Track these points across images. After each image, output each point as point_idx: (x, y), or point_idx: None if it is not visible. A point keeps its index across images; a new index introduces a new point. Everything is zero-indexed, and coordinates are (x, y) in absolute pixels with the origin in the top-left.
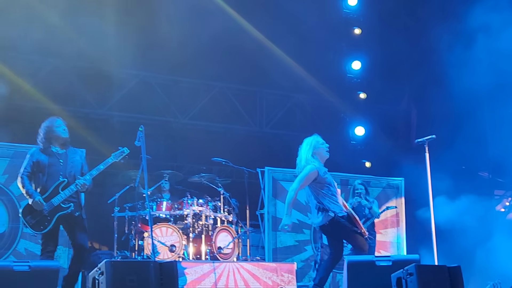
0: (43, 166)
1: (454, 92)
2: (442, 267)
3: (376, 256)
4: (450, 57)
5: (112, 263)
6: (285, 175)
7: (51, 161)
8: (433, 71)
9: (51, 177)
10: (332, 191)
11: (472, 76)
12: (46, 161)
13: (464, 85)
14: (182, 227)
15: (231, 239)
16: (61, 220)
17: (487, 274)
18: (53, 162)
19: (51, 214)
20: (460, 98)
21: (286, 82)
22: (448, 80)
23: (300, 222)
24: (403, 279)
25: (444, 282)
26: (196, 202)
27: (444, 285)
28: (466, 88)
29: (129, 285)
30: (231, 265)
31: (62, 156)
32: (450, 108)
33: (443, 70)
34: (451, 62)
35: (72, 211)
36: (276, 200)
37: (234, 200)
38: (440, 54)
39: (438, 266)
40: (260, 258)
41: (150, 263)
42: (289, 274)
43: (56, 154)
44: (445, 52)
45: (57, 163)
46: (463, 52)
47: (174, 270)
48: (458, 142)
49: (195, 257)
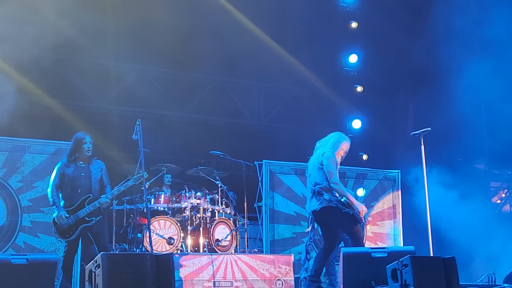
0: (67, 179)
1: (450, 85)
2: (437, 258)
3: (371, 247)
4: (447, 50)
5: (109, 255)
6: (283, 168)
7: (75, 175)
8: (430, 64)
9: (75, 189)
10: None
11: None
12: (71, 174)
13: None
14: (180, 220)
15: (229, 231)
16: (84, 230)
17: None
18: (77, 175)
19: (76, 225)
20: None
21: (284, 76)
22: (444, 72)
23: (297, 214)
24: (398, 270)
25: (439, 273)
26: (194, 195)
27: (438, 276)
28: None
29: (125, 277)
30: (229, 257)
31: (85, 169)
32: (446, 101)
33: (440, 63)
34: (447, 55)
35: (93, 224)
36: (273, 192)
37: (232, 193)
38: (437, 47)
39: (433, 257)
40: (258, 250)
41: (146, 255)
42: (286, 266)
43: (80, 167)
44: (442, 45)
45: (79, 176)
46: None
47: (170, 262)
48: (455, 135)
49: (193, 249)
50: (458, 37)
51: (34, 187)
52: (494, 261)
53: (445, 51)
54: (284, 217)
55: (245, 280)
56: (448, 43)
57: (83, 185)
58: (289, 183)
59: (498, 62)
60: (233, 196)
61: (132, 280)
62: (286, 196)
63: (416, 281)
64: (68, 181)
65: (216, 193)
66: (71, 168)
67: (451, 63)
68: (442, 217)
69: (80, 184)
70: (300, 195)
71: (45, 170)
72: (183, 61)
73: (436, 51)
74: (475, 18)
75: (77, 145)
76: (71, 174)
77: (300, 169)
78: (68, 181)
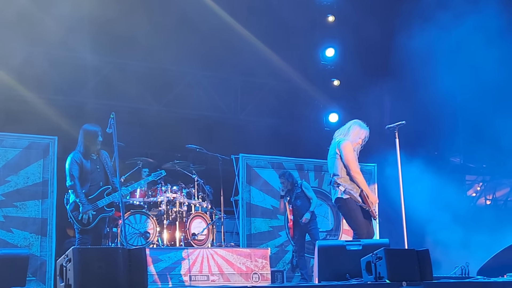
0: (86, 172)
1: (427, 79)
2: (411, 250)
3: (346, 240)
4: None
5: (80, 250)
6: (259, 162)
7: (92, 168)
8: (406, 58)
9: (95, 183)
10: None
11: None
12: (89, 167)
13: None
14: (156, 214)
15: (205, 225)
16: (101, 219)
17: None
18: (93, 169)
19: (96, 214)
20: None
21: (261, 70)
22: (421, 67)
23: (274, 208)
24: (373, 263)
25: (412, 266)
26: (170, 189)
27: (412, 268)
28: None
29: (97, 271)
30: (205, 251)
31: (98, 162)
32: (423, 95)
33: (416, 57)
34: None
35: (112, 214)
36: (250, 186)
37: (208, 187)
38: (413, 41)
39: (407, 249)
40: (235, 244)
41: (118, 249)
42: (263, 259)
43: (94, 160)
44: (418, 39)
45: (95, 170)
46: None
47: (143, 256)
48: (431, 128)
49: (169, 243)
50: (433, 32)
51: (7, 181)
52: (468, 253)
53: (421, 46)
54: (261, 211)
55: (221, 274)
56: (424, 38)
57: (102, 178)
58: (266, 177)
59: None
60: (209, 190)
61: (104, 274)
62: (263, 190)
63: (390, 273)
64: (86, 174)
65: (193, 187)
66: (88, 161)
67: (427, 57)
68: (418, 210)
69: (99, 177)
70: (277, 188)
71: (18, 164)
72: (159, 54)
73: (412, 45)
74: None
75: (91, 138)
76: (88, 167)
77: (277, 162)
78: (86, 174)
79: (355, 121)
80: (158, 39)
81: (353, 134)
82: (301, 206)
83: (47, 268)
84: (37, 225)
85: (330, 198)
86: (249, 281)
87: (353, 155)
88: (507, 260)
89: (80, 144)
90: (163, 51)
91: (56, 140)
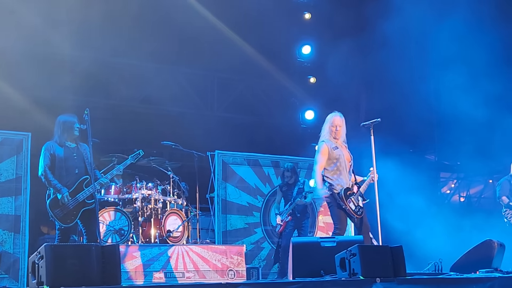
0: (59, 160)
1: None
2: (385, 247)
3: (321, 237)
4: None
5: (52, 247)
6: (235, 159)
7: (67, 155)
8: (382, 56)
9: (70, 170)
10: (339, 167)
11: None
12: (62, 155)
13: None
14: (131, 211)
15: (181, 222)
16: (84, 214)
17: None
18: (69, 156)
19: (77, 209)
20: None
21: (238, 66)
22: (396, 64)
23: (250, 205)
24: (347, 259)
25: (386, 262)
26: (145, 185)
27: (386, 264)
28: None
29: (70, 269)
30: (181, 248)
31: (75, 150)
32: (398, 93)
33: (392, 54)
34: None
35: (94, 207)
36: (226, 183)
37: (184, 184)
38: (389, 39)
39: (381, 246)
40: (210, 241)
41: (91, 246)
42: (238, 256)
43: (70, 148)
44: (394, 37)
45: (72, 157)
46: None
47: (116, 253)
48: (406, 126)
49: (144, 240)
50: (410, 29)
51: None
52: (441, 250)
53: (397, 43)
54: (237, 207)
55: (197, 271)
56: (400, 35)
57: (78, 165)
58: (242, 173)
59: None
60: (185, 187)
61: (77, 271)
62: (238, 186)
63: (364, 270)
64: (60, 163)
65: (168, 184)
66: (62, 149)
67: (402, 55)
68: (393, 207)
69: (75, 165)
70: (253, 185)
71: None
72: (135, 49)
73: (387, 43)
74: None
75: (66, 127)
76: (62, 155)
77: (253, 159)
78: (60, 163)
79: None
80: (134, 35)
81: (325, 131)
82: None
83: (20, 265)
84: (10, 222)
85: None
86: (224, 277)
87: (320, 156)
88: (480, 256)
89: (55, 134)
90: (139, 46)
91: (30, 136)
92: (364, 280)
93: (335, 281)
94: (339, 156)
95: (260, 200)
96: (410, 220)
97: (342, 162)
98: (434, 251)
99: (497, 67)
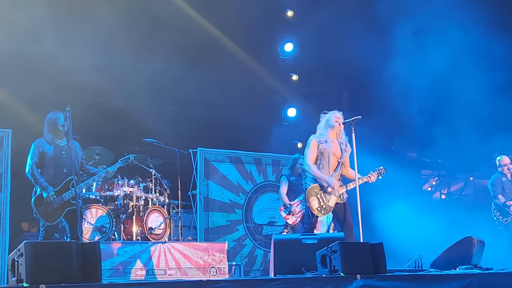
0: (48, 158)
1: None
2: (365, 244)
3: (302, 234)
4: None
5: (32, 244)
6: (217, 156)
7: (56, 154)
8: (364, 54)
9: (59, 169)
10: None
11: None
12: (52, 153)
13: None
14: (113, 208)
15: (163, 219)
16: (68, 213)
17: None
18: (58, 154)
19: (61, 208)
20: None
21: (220, 63)
22: (378, 62)
23: (232, 202)
24: (327, 256)
25: (366, 259)
26: (127, 183)
27: (366, 261)
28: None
29: (50, 266)
30: (162, 246)
31: (65, 148)
32: (380, 91)
33: (374, 52)
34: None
35: (79, 206)
36: (208, 180)
37: (166, 181)
38: (370, 36)
39: (361, 243)
40: (192, 238)
41: (72, 244)
42: (220, 253)
43: (60, 146)
44: (375, 34)
45: (61, 155)
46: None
47: (97, 250)
48: (388, 124)
49: (126, 238)
50: (391, 26)
51: None
52: (422, 247)
53: (378, 40)
54: (219, 205)
55: (178, 268)
56: (381, 32)
57: (66, 165)
58: (224, 171)
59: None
60: (167, 184)
61: (57, 269)
62: (220, 184)
63: (344, 266)
64: (49, 161)
65: (150, 181)
66: (51, 147)
67: (384, 52)
68: (374, 204)
69: (64, 164)
70: (235, 182)
71: None
72: (117, 46)
73: (369, 40)
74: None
75: (52, 124)
76: (51, 153)
77: (235, 157)
78: (49, 161)
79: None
80: (116, 31)
81: (320, 128)
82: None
83: (0, 262)
84: None
85: None
86: (206, 275)
87: (309, 150)
88: (459, 253)
89: (44, 132)
90: (121, 43)
91: (10, 133)
92: (344, 277)
93: (316, 278)
94: (324, 151)
95: (242, 197)
96: (391, 217)
97: (327, 157)
98: (414, 248)
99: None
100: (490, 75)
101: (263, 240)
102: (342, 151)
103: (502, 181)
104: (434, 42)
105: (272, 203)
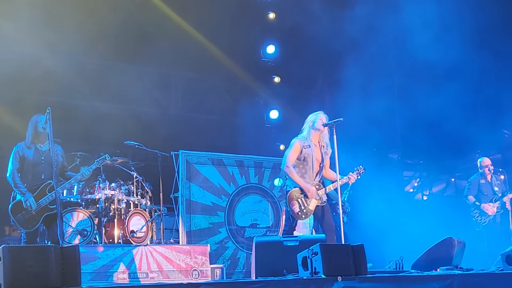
0: (28, 163)
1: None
2: (346, 245)
3: (283, 236)
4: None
5: (10, 248)
6: (199, 158)
7: (35, 159)
8: (346, 55)
9: (37, 175)
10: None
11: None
12: (31, 158)
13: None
14: (94, 212)
15: (144, 222)
16: (46, 219)
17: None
18: (37, 160)
19: (39, 214)
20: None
21: (202, 66)
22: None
23: (214, 205)
24: (309, 258)
25: (347, 260)
26: (109, 186)
27: (347, 263)
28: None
29: (28, 270)
30: (144, 249)
31: (45, 153)
32: (362, 92)
33: (356, 54)
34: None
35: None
36: (190, 183)
37: (147, 184)
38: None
39: (342, 245)
40: (174, 241)
41: (50, 247)
42: (202, 256)
43: (40, 151)
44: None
45: (40, 161)
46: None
47: (76, 254)
48: (369, 125)
49: (108, 241)
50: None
51: None
52: (403, 248)
53: (360, 41)
54: (201, 207)
55: (160, 271)
56: (363, 34)
57: (45, 170)
58: (206, 173)
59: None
60: (149, 186)
61: (36, 273)
62: (202, 186)
63: (325, 268)
64: (28, 166)
65: (132, 184)
66: (31, 151)
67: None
68: (356, 206)
69: (42, 170)
70: (217, 185)
71: None
72: (97, 48)
73: (351, 41)
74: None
75: (32, 127)
76: (31, 158)
77: (217, 159)
78: (28, 166)
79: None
80: (97, 32)
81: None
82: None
83: None
84: None
85: (270, 194)
86: (188, 277)
87: (291, 152)
88: (440, 254)
89: (27, 134)
90: (103, 45)
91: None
92: (325, 279)
93: (297, 280)
94: (307, 156)
95: (224, 199)
96: (372, 219)
97: (310, 162)
98: (395, 249)
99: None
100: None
101: (245, 242)
102: (323, 154)
103: (480, 183)
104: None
105: (254, 205)
